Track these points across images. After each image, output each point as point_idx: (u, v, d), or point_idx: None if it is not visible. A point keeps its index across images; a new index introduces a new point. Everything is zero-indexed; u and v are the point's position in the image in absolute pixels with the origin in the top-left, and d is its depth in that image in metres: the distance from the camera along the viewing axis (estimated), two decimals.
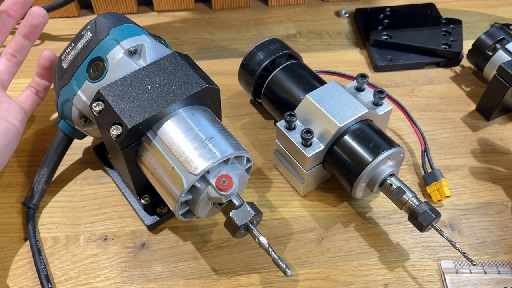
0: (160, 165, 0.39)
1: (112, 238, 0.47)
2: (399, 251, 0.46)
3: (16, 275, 0.44)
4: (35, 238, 0.45)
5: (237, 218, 0.38)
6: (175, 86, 0.40)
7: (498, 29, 0.57)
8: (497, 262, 0.44)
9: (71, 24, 0.69)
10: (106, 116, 0.39)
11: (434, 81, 0.61)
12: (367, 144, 0.44)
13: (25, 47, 0.48)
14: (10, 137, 0.43)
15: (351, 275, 0.44)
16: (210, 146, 0.39)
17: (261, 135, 0.55)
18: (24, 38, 0.48)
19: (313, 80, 0.51)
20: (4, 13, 0.47)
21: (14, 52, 0.48)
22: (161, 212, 0.47)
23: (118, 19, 0.44)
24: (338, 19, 0.69)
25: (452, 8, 0.70)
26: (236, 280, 0.44)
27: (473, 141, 0.54)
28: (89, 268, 0.45)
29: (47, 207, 0.49)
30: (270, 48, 0.52)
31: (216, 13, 0.70)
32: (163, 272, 0.44)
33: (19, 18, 0.48)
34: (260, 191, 0.50)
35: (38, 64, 0.49)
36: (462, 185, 0.50)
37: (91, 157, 0.53)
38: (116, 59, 0.42)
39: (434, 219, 0.41)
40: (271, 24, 0.69)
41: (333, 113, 0.45)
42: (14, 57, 0.48)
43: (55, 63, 0.49)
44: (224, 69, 0.62)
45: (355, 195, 0.46)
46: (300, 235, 0.47)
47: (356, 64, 0.63)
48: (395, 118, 0.56)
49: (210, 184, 0.38)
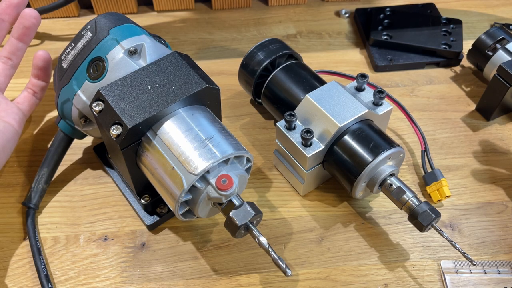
0: (160, 165, 0.39)
1: (112, 238, 0.47)
2: (399, 251, 0.46)
3: (16, 275, 0.44)
4: (35, 238, 0.45)
5: (237, 218, 0.38)
6: (175, 86, 0.40)
7: (498, 29, 0.57)
8: (497, 262, 0.44)
9: (71, 24, 0.69)
10: (106, 116, 0.39)
11: (434, 81, 0.61)
12: (367, 144, 0.44)
13: (20, 49, 0.48)
14: (8, 137, 0.43)
15: (351, 275, 0.44)
16: (210, 146, 0.39)
17: (261, 135, 0.55)
18: (18, 41, 0.48)
19: (313, 80, 0.51)
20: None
21: (9, 55, 0.48)
22: (161, 212, 0.47)
23: (118, 19, 0.44)
24: (338, 19, 0.69)
25: (452, 8, 0.70)
26: (236, 280, 0.44)
27: (473, 141, 0.54)
28: (89, 268, 0.45)
29: (47, 207, 0.49)
30: (270, 48, 0.52)
31: (216, 13, 0.70)
32: (163, 272, 0.44)
33: (13, 21, 0.48)
34: (260, 191, 0.50)
35: (33, 64, 0.48)
36: (462, 185, 0.50)
37: (91, 157, 0.53)
38: (116, 59, 0.42)
39: (434, 219, 0.41)
40: (271, 24, 0.68)
41: (333, 113, 0.45)
42: (10, 60, 0.48)
43: (49, 63, 0.49)
44: (224, 69, 0.62)
45: (355, 195, 0.46)
46: (300, 235, 0.47)
47: (356, 64, 0.63)
48: (395, 118, 0.56)
49: (210, 184, 0.38)
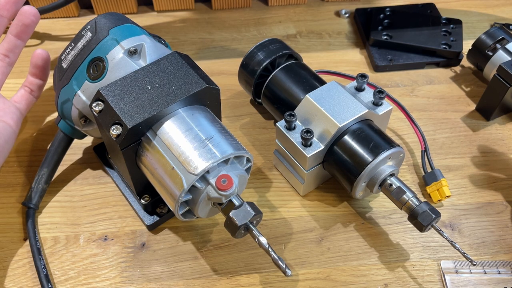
0: (160, 165, 0.39)
1: (112, 238, 0.47)
2: (399, 251, 0.46)
3: (16, 275, 0.44)
4: (35, 238, 0.45)
5: (237, 218, 0.38)
6: (175, 86, 0.40)
7: (498, 29, 0.57)
8: (497, 262, 0.44)
9: (71, 24, 0.69)
10: (106, 116, 0.39)
11: (434, 81, 0.61)
12: (367, 144, 0.44)
13: (17, 46, 0.48)
14: (6, 137, 0.43)
15: (351, 275, 0.44)
16: (210, 146, 0.39)
17: (261, 135, 0.55)
18: (16, 38, 0.48)
19: (313, 80, 0.51)
20: None
21: (7, 52, 0.48)
22: (161, 212, 0.47)
23: (118, 19, 0.44)
24: (338, 19, 0.69)
25: (452, 8, 0.70)
26: (236, 280, 0.44)
27: (473, 141, 0.54)
28: (89, 268, 0.45)
29: (47, 207, 0.49)
30: (270, 48, 0.52)
31: (216, 13, 0.70)
32: (163, 272, 0.44)
33: (11, 18, 0.48)
34: (260, 191, 0.50)
35: (31, 63, 0.48)
36: (462, 185, 0.50)
37: (91, 157, 0.53)
38: (116, 59, 0.42)
39: (434, 219, 0.41)
40: (271, 24, 0.68)
41: (333, 113, 0.45)
42: (7, 57, 0.48)
43: (48, 62, 0.49)
44: (224, 69, 0.62)
45: (355, 195, 0.46)
46: (300, 235, 0.47)
47: (356, 64, 0.63)
48: (395, 118, 0.56)
49: (210, 184, 0.38)
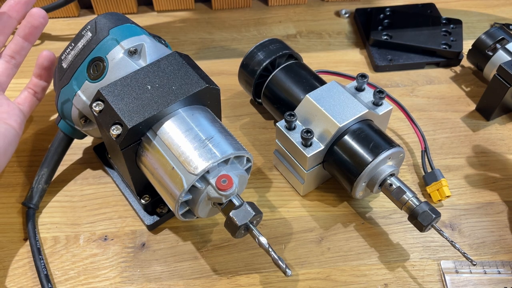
0: (160, 165, 0.39)
1: (112, 238, 0.47)
2: (399, 251, 0.46)
3: (16, 275, 0.44)
4: (35, 238, 0.45)
5: (237, 218, 0.38)
6: (175, 86, 0.40)
7: (498, 29, 0.57)
8: (497, 262, 0.44)
9: (71, 24, 0.69)
10: (106, 116, 0.39)
11: (434, 81, 0.61)
12: (367, 144, 0.44)
13: (24, 48, 0.48)
14: (10, 139, 0.43)
15: (351, 275, 0.44)
16: (210, 146, 0.39)
17: (261, 135, 0.55)
18: (24, 40, 0.48)
19: (313, 80, 0.51)
20: (5, 14, 0.47)
21: (13, 54, 0.48)
22: (161, 212, 0.47)
23: (118, 19, 0.44)
24: (338, 19, 0.69)
25: (452, 8, 0.70)
26: (236, 280, 0.44)
27: (473, 141, 0.54)
28: (89, 268, 0.45)
29: (47, 207, 0.49)
30: (270, 48, 0.52)
31: (216, 13, 0.70)
32: (163, 272, 0.44)
33: (20, 19, 0.48)
34: (260, 191, 0.50)
35: (37, 64, 0.48)
36: (462, 185, 0.50)
37: (91, 157, 0.53)
38: (116, 59, 0.42)
39: (434, 219, 0.41)
40: (271, 24, 0.68)
41: (333, 113, 0.45)
42: (13, 59, 0.48)
43: (54, 63, 0.49)
44: (224, 69, 0.62)
45: (355, 195, 0.46)
46: (300, 235, 0.47)
47: (356, 64, 0.63)
48: (395, 118, 0.56)
49: (210, 184, 0.38)
